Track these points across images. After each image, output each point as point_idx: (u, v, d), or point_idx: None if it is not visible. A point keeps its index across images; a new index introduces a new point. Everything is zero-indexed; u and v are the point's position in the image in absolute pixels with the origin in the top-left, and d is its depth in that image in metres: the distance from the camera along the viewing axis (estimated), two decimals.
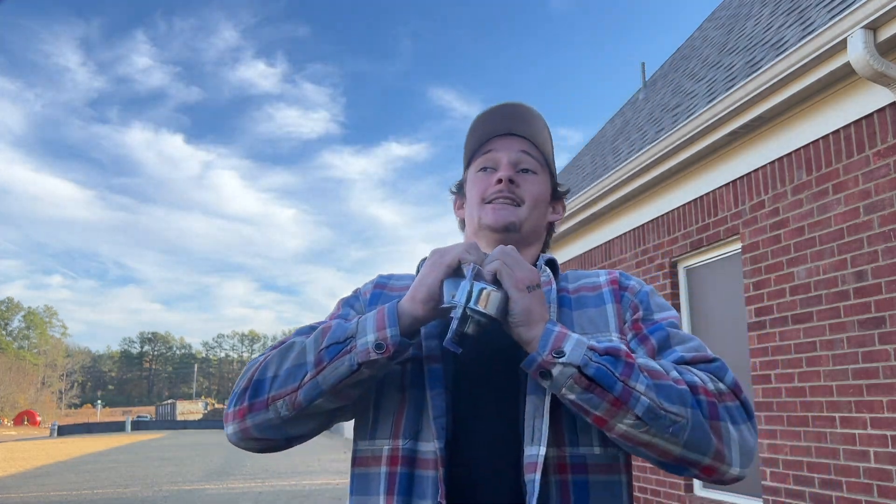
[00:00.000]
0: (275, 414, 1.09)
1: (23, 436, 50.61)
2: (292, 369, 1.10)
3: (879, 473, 3.62)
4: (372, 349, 1.06)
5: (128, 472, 17.75)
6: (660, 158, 5.37)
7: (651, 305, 1.23)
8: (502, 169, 1.30)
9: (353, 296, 1.33)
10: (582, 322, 1.19)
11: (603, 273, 1.31)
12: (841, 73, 3.77)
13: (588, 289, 1.26)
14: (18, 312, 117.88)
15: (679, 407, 1.02)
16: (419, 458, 1.11)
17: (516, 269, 1.07)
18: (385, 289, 1.31)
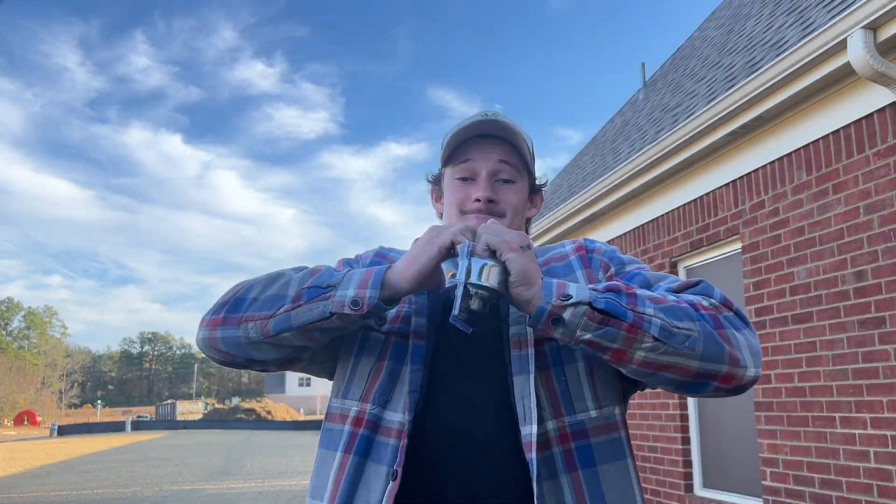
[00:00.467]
0: (244, 333, 1.15)
1: (23, 436, 50.62)
2: (272, 297, 1.15)
3: (879, 473, 3.62)
4: (348, 304, 1.10)
5: (128, 472, 17.75)
6: (660, 158, 5.37)
7: (622, 259, 1.28)
8: (481, 186, 1.30)
9: (353, 259, 1.38)
10: None
11: (568, 243, 1.35)
12: (841, 73, 3.77)
13: (556, 259, 1.31)
14: (18, 312, 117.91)
15: (688, 322, 1.05)
16: (383, 425, 1.15)
17: (505, 234, 1.10)
18: (385, 259, 1.36)
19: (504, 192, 1.32)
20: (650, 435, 5.84)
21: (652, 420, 5.81)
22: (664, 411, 5.64)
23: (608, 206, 6.41)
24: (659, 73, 10.26)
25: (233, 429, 49.94)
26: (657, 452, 5.75)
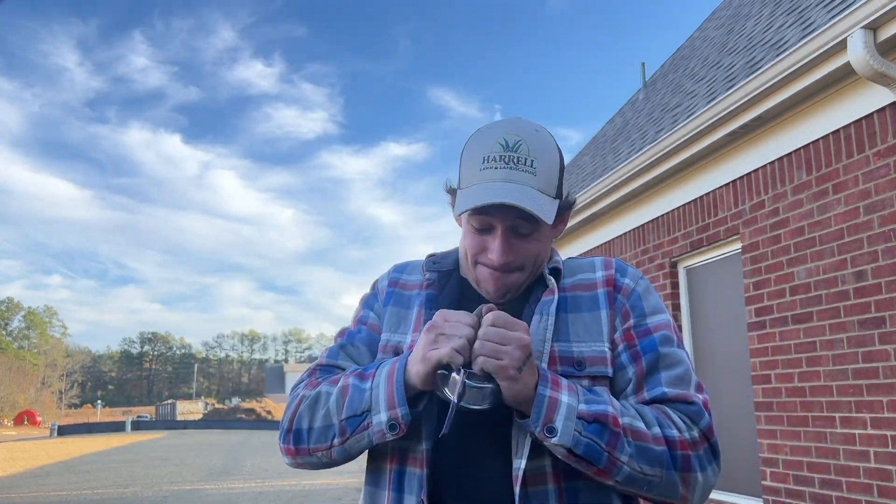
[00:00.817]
0: (317, 459, 1.24)
1: (23, 436, 50.61)
2: (322, 429, 1.21)
3: (879, 473, 3.62)
4: (386, 430, 1.15)
5: (128, 472, 17.75)
6: (660, 158, 5.37)
7: (643, 308, 1.26)
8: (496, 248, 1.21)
9: (371, 295, 1.41)
10: (577, 328, 1.23)
11: (599, 265, 1.32)
12: (841, 73, 3.77)
13: (584, 287, 1.28)
14: (18, 312, 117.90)
15: (657, 469, 1.11)
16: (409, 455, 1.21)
17: (504, 357, 1.07)
18: (397, 286, 1.38)
19: (522, 246, 1.23)
20: None
21: None
22: None
23: (608, 206, 6.41)
24: (659, 73, 10.26)
25: (233, 429, 49.94)
26: None
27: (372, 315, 1.37)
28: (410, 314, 1.32)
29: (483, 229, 1.23)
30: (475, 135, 1.26)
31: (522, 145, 1.19)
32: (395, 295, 1.37)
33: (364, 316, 1.38)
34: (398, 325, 1.32)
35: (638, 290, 1.28)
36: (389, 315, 1.34)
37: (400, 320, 1.33)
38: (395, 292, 1.37)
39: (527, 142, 1.20)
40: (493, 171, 1.18)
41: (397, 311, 1.34)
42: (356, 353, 1.33)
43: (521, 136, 1.20)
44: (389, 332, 1.32)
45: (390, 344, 1.31)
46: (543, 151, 1.21)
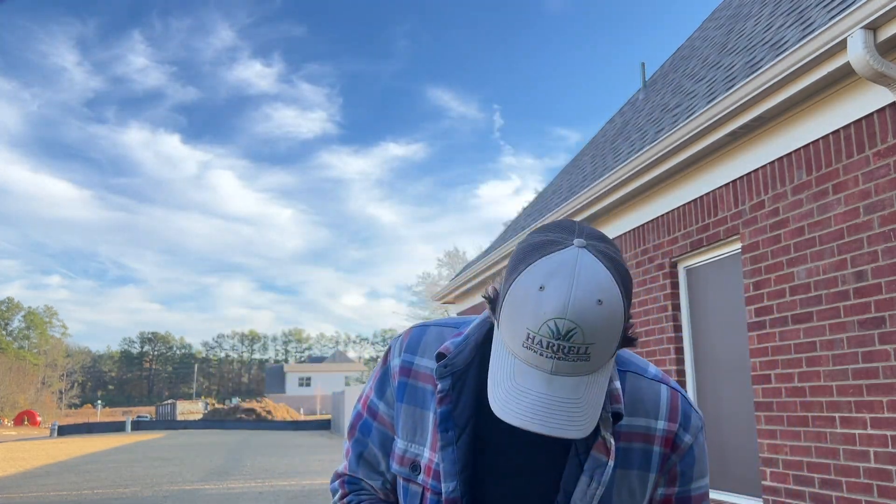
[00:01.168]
0: None
1: (23, 436, 50.62)
2: None
3: (879, 473, 3.62)
4: None
5: (128, 472, 17.75)
6: (660, 158, 5.37)
7: (692, 474, 1.19)
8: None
9: (382, 373, 1.29)
10: (622, 490, 1.15)
11: (664, 410, 1.17)
12: (841, 73, 3.77)
13: (640, 437, 1.16)
14: (18, 312, 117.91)
15: None
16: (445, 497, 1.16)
17: None
18: (410, 376, 1.24)
19: None
20: None
21: None
22: None
23: (608, 207, 6.41)
24: (659, 74, 10.26)
25: (233, 429, 49.95)
26: None
27: (382, 406, 1.27)
28: (427, 418, 1.21)
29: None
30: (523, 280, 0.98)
31: (577, 334, 0.94)
32: (407, 389, 1.23)
33: (374, 404, 1.29)
34: (414, 433, 1.22)
35: (694, 452, 1.19)
36: (405, 415, 1.23)
37: (415, 425, 1.22)
38: (409, 385, 1.23)
39: (583, 329, 0.94)
40: (537, 356, 0.97)
41: (412, 410, 1.23)
42: (373, 459, 1.29)
43: (576, 324, 0.94)
44: (406, 441, 1.22)
45: (408, 456, 1.21)
46: (605, 329, 0.96)
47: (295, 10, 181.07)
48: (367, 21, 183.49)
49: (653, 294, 5.84)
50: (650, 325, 5.86)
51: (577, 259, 0.97)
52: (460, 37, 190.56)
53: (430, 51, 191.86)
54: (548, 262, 0.97)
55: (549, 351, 0.95)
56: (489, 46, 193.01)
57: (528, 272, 0.98)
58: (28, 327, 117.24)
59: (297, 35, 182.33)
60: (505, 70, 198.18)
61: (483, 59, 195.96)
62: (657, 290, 5.78)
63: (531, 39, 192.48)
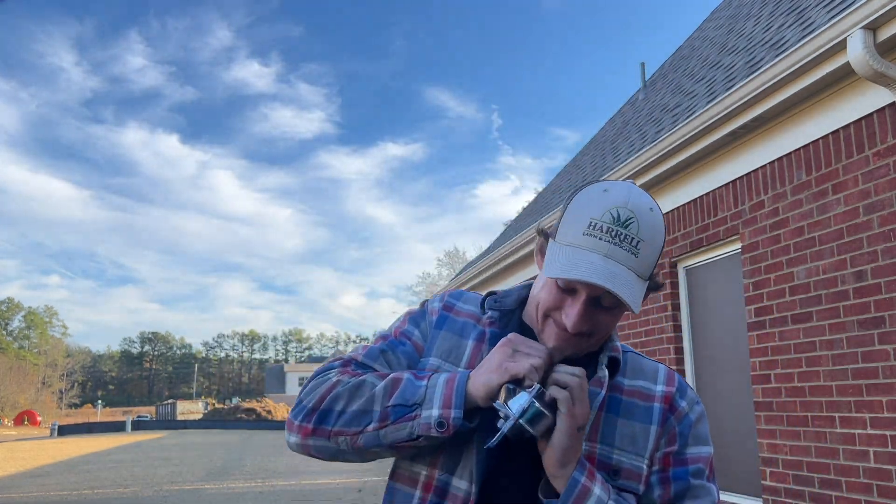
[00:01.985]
0: (335, 444, 1.19)
1: (23, 436, 50.62)
2: (359, 413, 1.17)
3: (879, 473, 3.62)
4: (434, 426, 1.12)
5: (128, 472, 17.75)
6: (660, 158, 5.37)
7: (689, 438, 1.26)
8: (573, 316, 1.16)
9: (419, 312, 1.36)
10: (624, 436, 1.22)
11: (662, 377, 1.29)
12: (841, 73, 3.77)
13: (641, 395, 1.26)
14: (19, 312, 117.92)
15: None
16: (450, 491, 1.19)
17: (577, 407, 1.10)
18: (452, 312, 1.33)
19: (598, 317, 1.19)
20: None
21: None
22: None
23: None
24: (659, 73, 10.26)
25: (233, 429, 49.95)
26: None
27: (417, 333, 1.33)
28: (464, 344, 1.28)
29: (566, 290, 1.18)
30: (587, 190, 1.19)
31: (633, 224, 1.13)
32: (448, 320, 1.32)
33: (409, 331, 1.33)
34: (450, 353, 1.28)
35: (691, 417, 1.27)
36: (442, 339, 1.30)
37: (452, 348, 1.28)
38: (449, 317, 1.32)
39: (639, 221, 1.13)
40: (596, 240, 1.13)
41: (451, 336, 1.30)
42: (396, 363, 1.28)
43: (634, 214, 1.13)
44: (440, 359, 1.27)
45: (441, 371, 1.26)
46: (652, 234, 1.15)
47: (292, 10, 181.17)
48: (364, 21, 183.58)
49: (652, 294, 5.84)
50: (650, 325, 5.86)
51: (632, 184, 1.20)
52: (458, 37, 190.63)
53: (428, 51, 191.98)
54: (608, 182, 1.20)
55: (607, 235, 1.12)
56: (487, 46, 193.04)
57: (593, 185, 1.20)
58: (28, 327, 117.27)
59: (295, 35, 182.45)
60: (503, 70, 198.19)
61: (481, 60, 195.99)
62: None
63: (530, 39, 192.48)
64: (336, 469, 17.41)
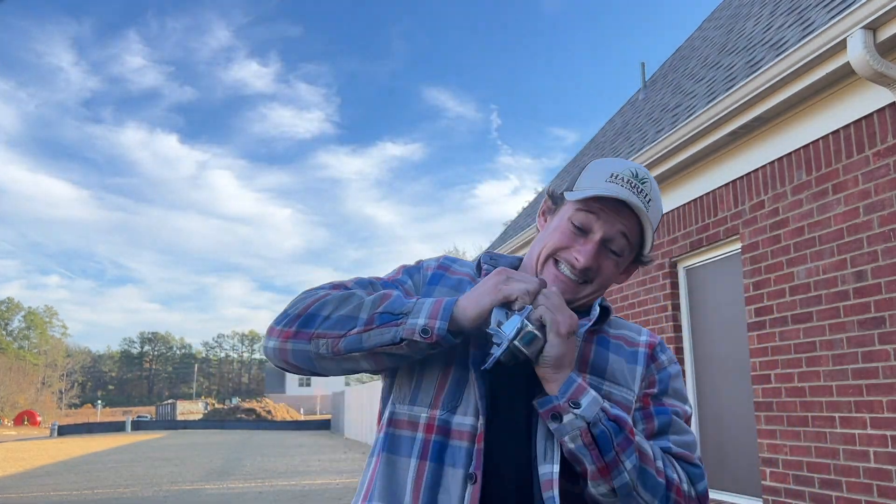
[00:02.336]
0: (314, 349, 1.19)
1: (23, 436, 50.61)
2: (344, 318, 1.19)
3: (879, 473, 3.62)
4: (418, 331, 1.14)
5: (128, 472, 17.75)
6: (660, 158, 5.37)
7: (668, 388, 1.32)
8: (587, 251, 1.26)
9: (414, 266, 1.41)
10: (614, 369, 1.28)
11: (645, 332, 1.37)
12: (841, 73, 3.77)
13: (627, 341, 1.34)
14: (19, 312, 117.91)
15: (650, 496, 1.15)
16: (453, 429, 1.20)
17: (559, 314, 1.13)
18: (447, 271, 1.38)
19: (604, 261, 1.28)
20: None
21: None
22: None
23: None
24: (659, 73, 10.26)
25: (233, 429, 49.95)
26: None
27: (409, 283, 1.36)
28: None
29: (580, 229, 1.27)
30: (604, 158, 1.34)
31: (648, 184, 1.29)
32: (443, 278, 1.36)
33: (402, 280, 1.36)
34: None
35: (669, 371, 1.34)
36: (437, 294, 1.32)
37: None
38: (445, 275, 1.37)
39: (651, 184, 1.30)
40: (619, 186, 1.26)
41: (446, 290, 1.33)
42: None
43: (648, 178, 1.30)
44: None
45: None
46: (658, 201, 1.32)
47: (290, 10, 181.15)
48: (362, 21, 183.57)
49: (653, 294, 5.84)
50: (650, 325, 5.86)
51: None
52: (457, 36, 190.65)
53: (426, 50, 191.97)
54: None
55: (628, 185, 1.26)
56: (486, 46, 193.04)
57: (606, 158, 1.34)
58: (28, 327, 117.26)
59: (294, 35, 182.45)
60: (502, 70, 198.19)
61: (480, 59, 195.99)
62: (657, 290, 5.78)
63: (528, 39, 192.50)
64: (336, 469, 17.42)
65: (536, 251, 1.32)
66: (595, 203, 1.26)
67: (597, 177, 1.28)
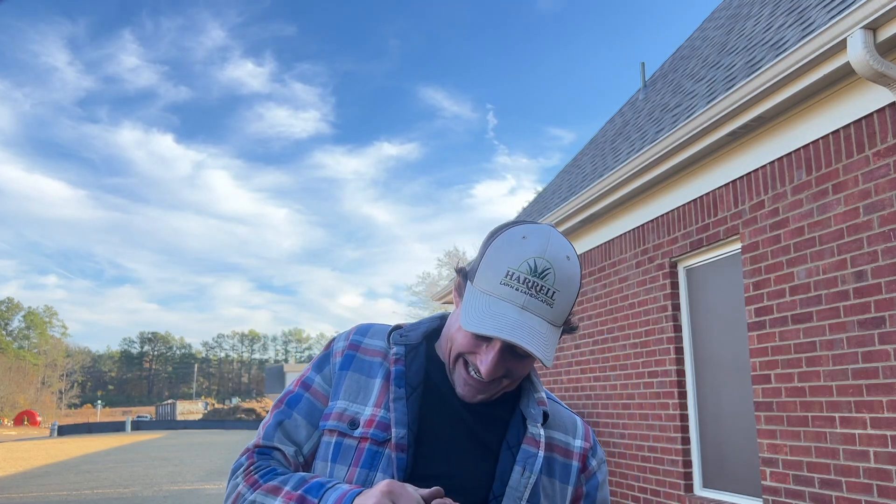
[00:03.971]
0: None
1: (23, 436, 50.59)
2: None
3: (879, 473, 3.62)
4: None
5: (128, 472, 17.75)
6: (660, 158, 5.37)
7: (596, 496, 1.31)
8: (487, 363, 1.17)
9: (323, 356, 1.35)
10: (548, 495, 1.24)
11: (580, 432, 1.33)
12: (841, 73, 3.77)
13: (561, 451, 1.29)
14: (18, 312, 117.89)
15: None
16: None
17: None
18: (359, 350, 1.31)
19: (516, 365, 1.20)
20: (650, 435, 5.84)
21: (652, 420, 5.82)
22: (664, 411, 5.65)
23: (608, 206, 6.41)
24: (659, 74, 10.26)
25: (233, 429, 49.93)
26: (657, 452, 5.75)
27: (318, 379, 1.31)
28: (372, 384, 1.27)
29: (482, 337, 1.18)
30: (507, 234, 1.19)
31: (550, 275, 1.14)
32: (354, 360, 1.30)
33: (309, 379, 1.32)
34: (357, 394, 1.26)
35: (598, 478, 1.32)
36: (349, 381, 1.28)
37: (360, 389, 1.27)
38: (356, 357, 1.31)
39: (555, 272, 1.14)
40: (513, 290, 1.13)
41: (357, 377, 1.28)
42: (293, 428, 1.27)
43: (551, 265, 1.14)
44: (347, 401, 1.25)
45: (347, 413, 1.24)
46: (568, 284, 1.16)
47: (285, 9, 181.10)
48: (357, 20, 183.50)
49: (653, 294, 5.84)
50: (650, 325, 5.86)
51: (551, 230, 1.20)
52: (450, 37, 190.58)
53: (421, 50, 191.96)
54: (528, 226, 1.20)
55: (524, 286, 1.13)
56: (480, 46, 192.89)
57: (512, 230, 1.19)
58: (28, 327, 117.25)
59: (288, 34, 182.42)
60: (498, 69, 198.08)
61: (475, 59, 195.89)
62: (657, 290, 5.78)
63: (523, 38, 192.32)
64: None
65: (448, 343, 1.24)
66: None
67: (493, 274, 1.15)
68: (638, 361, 6.03)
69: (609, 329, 6.51)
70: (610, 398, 6.48)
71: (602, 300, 6.66)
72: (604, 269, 6.68)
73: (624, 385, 6.24)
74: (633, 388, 6.11)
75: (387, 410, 1.22)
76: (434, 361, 1.29)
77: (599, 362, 6.69)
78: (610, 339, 6.50)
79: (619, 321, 6.35)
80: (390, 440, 1.18)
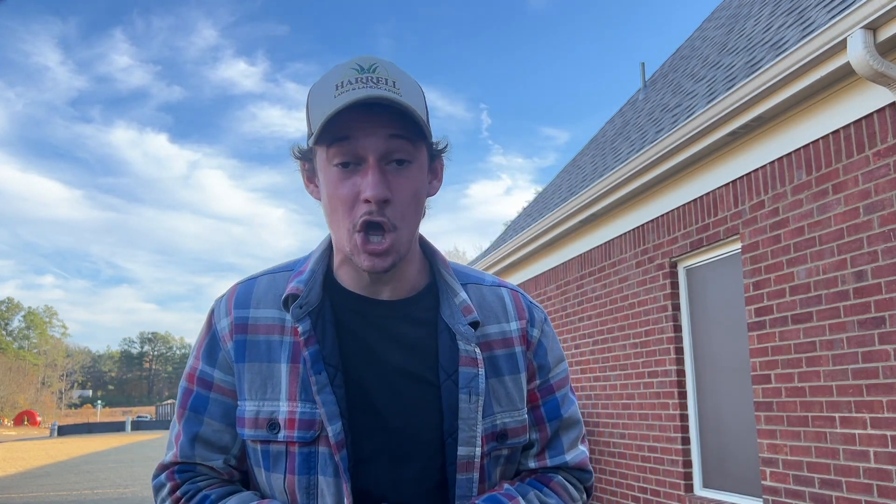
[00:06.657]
0: None
1: (23, 436, 50.59)
2: None
3: (879, 473, 3.62)
4: None
5: (128, 472, 17.75)
6: (660, 158, 5.37)
7: (549, 363, 1.22)
8: (370, 180, 1.02)
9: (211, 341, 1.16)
10: (500, 396, 1.14)
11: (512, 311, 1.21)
12: (841, 73, 3.77)
13: (500, 344, 1.17)
14: (18, 312, 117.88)
15: None
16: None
17: None
18: (247, 332, 1.13)
19: (399, 181, 1.05)
20: (650, 435, 5.84)
21: (652, 420, 5.82)
22: (664, 411, 5.65)
23: (608, 206, 6.41)
24: (659, 73, 10.26)
25: None
26: (657, 452, 5.75)
27: (217, 374, 1.14)
28: (277, 371, 1.10)
29: (350, 162, 1.04)
30: (323, 76, 1.08)
31: (380, 67, 1.04)
32: (247, 346, 1.12)
33: (206, 374, 1.14)
34: (265, 389, 1.09)
35: (544, 344, 1.21)
36: (249, 374, 1.11)
37: (265, 381, 1.10)
38: (248, 342, 1.12)
39: (385, 65, 1.05)
40: (349, 92, 1.01)
41: (258, 367, 1.11)
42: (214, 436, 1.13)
43: (377, 61, 1.05)
44: (257, 401, 1.09)
45: (262, 417, 1.09)
46: (406, 79, 1.06)
47: (276, 9, 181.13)
48: (349, 19, 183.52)
49: (653, 294, 5.84)
50: (650, 324, 5.86)
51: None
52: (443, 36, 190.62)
53: (413, 50, 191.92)
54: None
55: (359, 83, 1.02)
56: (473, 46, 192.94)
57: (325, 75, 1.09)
58: (28, 327, 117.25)
59: (280, 34, 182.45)
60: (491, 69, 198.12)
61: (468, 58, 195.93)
62: (657, 290, 5.78)
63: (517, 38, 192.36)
64: None
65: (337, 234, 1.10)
66: (339, 128, 1.02)
67: (323, 100, 1.03)
68: (638, 361, 6.03)
69: (609, 329, 6.51)
70: (610, 398, 6.48)
71: (602, 300, 6.66)
72: (604, 269, 6.67)
73: (624, 385, 6.24)
74: (633, 389, 6.11)
75: (304, 403, 1.06)
76: (345, 294, 1.14)
77: (599, 362, 6.69)
78: (610, 339, 6.50)
79: (619, 321, 6.35)
80: (320, 436, 1.05)
